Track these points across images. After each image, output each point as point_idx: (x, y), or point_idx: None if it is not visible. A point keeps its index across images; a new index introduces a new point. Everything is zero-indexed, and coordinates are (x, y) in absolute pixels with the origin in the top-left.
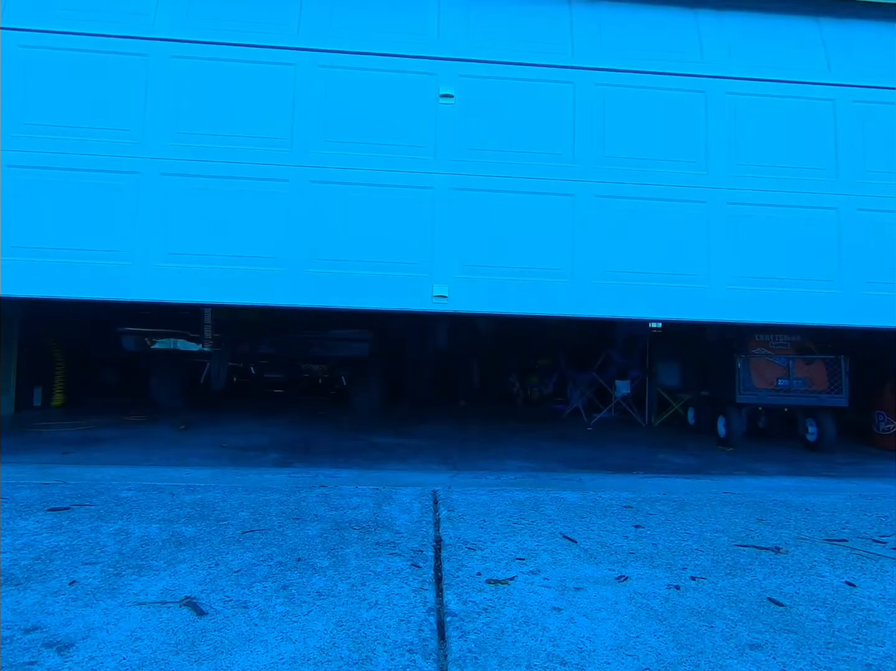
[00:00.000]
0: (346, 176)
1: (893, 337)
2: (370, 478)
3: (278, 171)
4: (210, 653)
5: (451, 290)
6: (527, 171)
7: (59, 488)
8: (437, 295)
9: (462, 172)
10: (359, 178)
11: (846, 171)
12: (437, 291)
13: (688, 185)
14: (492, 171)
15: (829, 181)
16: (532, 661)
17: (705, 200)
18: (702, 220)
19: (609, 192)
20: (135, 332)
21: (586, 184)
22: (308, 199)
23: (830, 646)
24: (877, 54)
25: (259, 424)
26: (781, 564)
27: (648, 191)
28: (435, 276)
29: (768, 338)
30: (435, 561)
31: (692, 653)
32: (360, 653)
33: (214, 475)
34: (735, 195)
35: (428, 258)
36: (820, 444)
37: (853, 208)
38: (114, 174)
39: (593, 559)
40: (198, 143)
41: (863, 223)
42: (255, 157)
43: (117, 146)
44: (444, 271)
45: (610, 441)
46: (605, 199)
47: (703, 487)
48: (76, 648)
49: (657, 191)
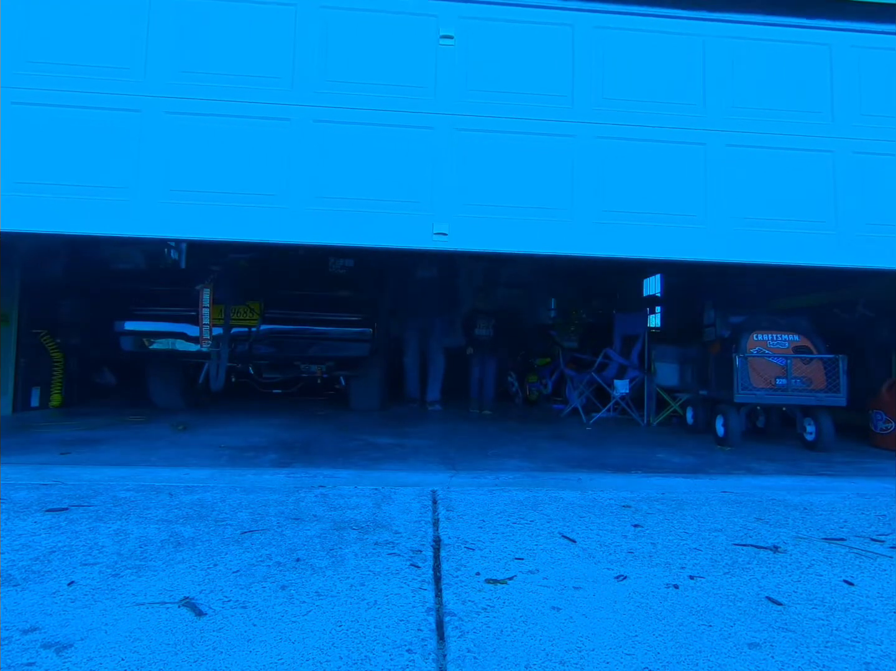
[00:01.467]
0: (347, 116)
1: (890, 280)
2: (369, 478)
3: (280, 110)
4: (209, 654)
5: (451, 228)
6: (526, 112)
7: (57, 489)
8: (437, 232)
9: (463, 113)
10: (361, 118)
11: (842, 115)
12: (438, 229)
13: (686, 128)
14: (492, 111)
15: (825, 125)
16: (531, 661)
17: (704, 142)
18: (700, 162)
19: (606, 133)
20: (133, 332)
21: (586, 125)
22: (310, 139)
23: (829, 645)
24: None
25: (258, 424)
26: (780, 563)
27: (647, 132)
28: (436, 214)
29: (767, 338)
30: (434, 560)
31: (691, 652)
32: (360, 652)
33: (213, 475)
34: (734, 138)
35: (428, 197)
36: (818, 444)
37: (849, 151)
38: (116, 112)
39: (592, 558)
40: (200, 82)
41: (858, 166)
42: (257, 96)
43: (120, 84)
44: (445, 210)
45: (609, 440)
46: (605, 140)
47: (701, 487)
48: (74, 649)
49: (656, 132)
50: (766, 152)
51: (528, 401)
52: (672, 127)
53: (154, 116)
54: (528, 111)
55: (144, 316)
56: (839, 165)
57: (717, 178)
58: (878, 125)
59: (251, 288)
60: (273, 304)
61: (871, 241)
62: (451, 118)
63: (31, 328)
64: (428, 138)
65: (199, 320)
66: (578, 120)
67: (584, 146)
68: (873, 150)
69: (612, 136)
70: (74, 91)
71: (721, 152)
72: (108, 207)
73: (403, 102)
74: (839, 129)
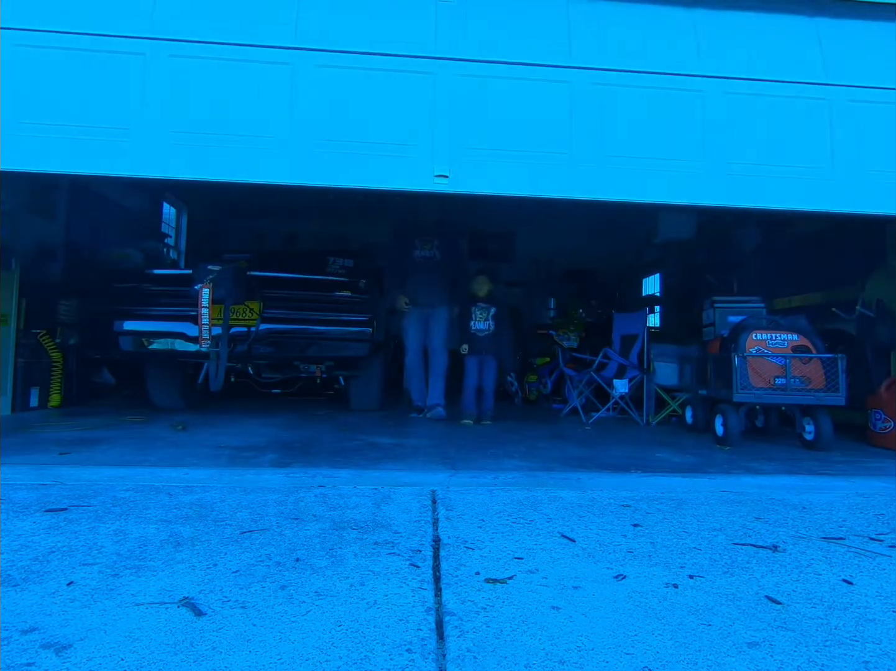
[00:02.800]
0: (349, 61)
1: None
2: (369, 477)
3: (282, 55)
4: (208, 654)
5: (452, 171)
6: (525, 57)
7: (56, 489)
8: (438, 174)
9: (463, 58)
10: (363, 63)
11: (833, 66)
12: (438, 171)
13: (683, 74)
14: (492, 56)
15: (819, 73)
16: (531, 660)
17: (702, 90)
18: (697, 109)
19: (603, 79)
20: (132, 332)
21: (583, 71)
22: (311, 83)
23: (828, 644)
24: None
25: (257, 424)
26: (779, 562)
27: (646, 79)
28: (436, 156)
29: (766, 338)
30: (434, 560)
31: (690, 651)
32: (359, 652)
33: (212, 475)
34: (730, 85)
35: (429, 140)
36: (817, 443)
37: (844, 99)
38: (121, 55)
39: (591, 558)
40: (205, 26)
41: (854, 113)
42: (261, 39)
43: (125, 27)
44: (446, 152)
45: (608, 440)
46: (605, 87)
47: (700, 486)
48: (74, 649)
49: (654, 79)
50: (763, 100)
51: (527, 401)
52: (668, 73)
53: (158, 60)
54: (527, 56)
55: (143, 315)
56: (835, 113)
57: (715, 126)
58: (872, 73)
59: (250, 287)
60: (272, 304)
61: (865, 186)
62: (453, 63)
63: (30, 328)
64: (429, 83)
65: (199, 320)
66: (575, 66)
67: (582, 91)
68: (869, 98)
69: (609, 83)
70: (80, 34)
71: (719, 100)
72: (111, 148)
73: (405, 47)
74: (832, 76)
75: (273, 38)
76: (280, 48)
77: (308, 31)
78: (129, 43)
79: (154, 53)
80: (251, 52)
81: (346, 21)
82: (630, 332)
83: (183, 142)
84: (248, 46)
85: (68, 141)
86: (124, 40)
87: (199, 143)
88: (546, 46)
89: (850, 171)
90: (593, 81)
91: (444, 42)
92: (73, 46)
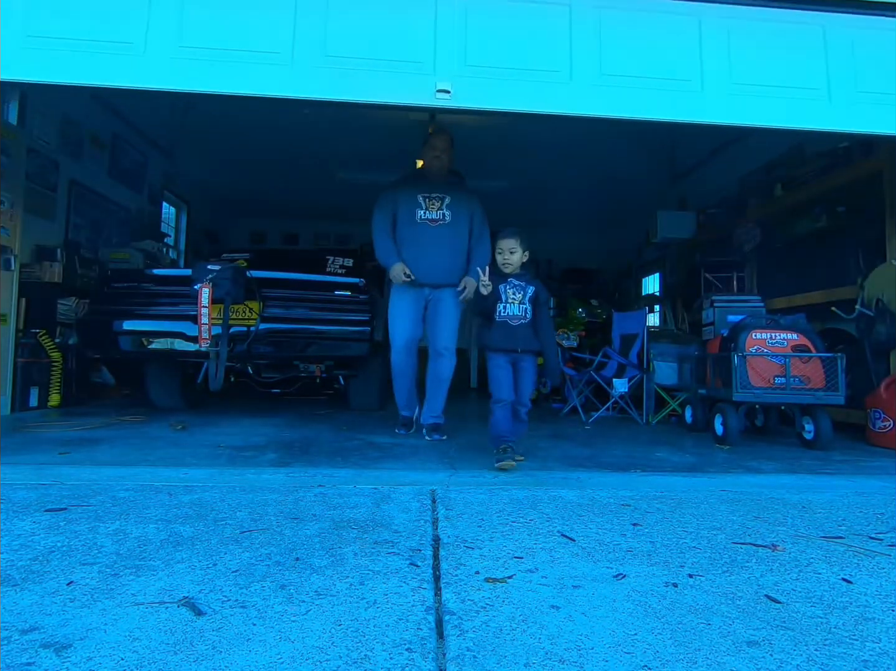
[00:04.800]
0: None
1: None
2: (368, 477)
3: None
4: (208, 653)
5: (454, 87)
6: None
7: (56, 489)
8: (440, 89)
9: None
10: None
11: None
12: (441, 86)
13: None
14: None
15: None
16: (531, 659)
17: (699, 14)
18: (695, 32)
19: (602, 3)
20: (132, 332)
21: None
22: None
23: (827, 643)
24: None
25: (257, 424)
26: (778, 562)
27: (645, 3)
28: (438, 73)
29: (765, 337)
30: (433, 559)
31: (690, 651)
32: (359, 651)
33: (212, 475)
34: (727, 10)
35: (431, 56)
36: (817, 442)
37: (839, 25)
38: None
39: (591, 557)
40: None
41: (848, 39)
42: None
43: None
44: (448, 69)
45: (608, 439)
46: (603, 10)
47: (700, 485)
48: (74, 649)
49: (651, 3)
50: (760, 24)
51: None
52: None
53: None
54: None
55: (143, 315)
56: (829, 37)
57: (712, 48)
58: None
59: (250, 287)
60: (272, 304)
61: (863, 108)
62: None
63: (29, 328)
64: (430, 2)
65: (199, 319)
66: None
67: (581, 14)
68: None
69: (607, 6)
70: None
71: (715, 23)
72: (121, 62)
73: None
74: None
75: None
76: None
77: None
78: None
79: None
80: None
81: None
82: (630, 331)
83: (191, 56)
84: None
85: (81, 54)
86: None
87: (207, 58)
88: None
89: (846, 92)
90: (593, 5)
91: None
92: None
